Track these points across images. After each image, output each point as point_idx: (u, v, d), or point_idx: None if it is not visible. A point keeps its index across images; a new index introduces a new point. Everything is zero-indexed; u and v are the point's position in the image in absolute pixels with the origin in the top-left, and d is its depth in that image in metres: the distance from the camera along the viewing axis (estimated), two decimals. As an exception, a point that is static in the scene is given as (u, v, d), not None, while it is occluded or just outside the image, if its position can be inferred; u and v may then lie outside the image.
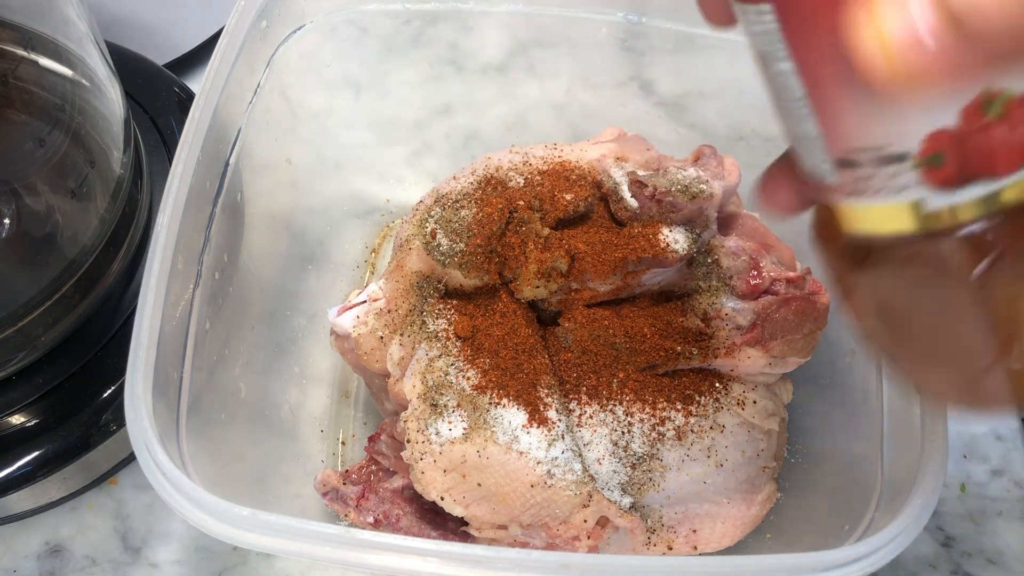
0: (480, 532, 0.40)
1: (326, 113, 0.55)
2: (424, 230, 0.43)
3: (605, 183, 0.44)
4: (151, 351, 0.37)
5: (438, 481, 0.39)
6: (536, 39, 0.54)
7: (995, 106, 0.24)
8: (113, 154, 0.47)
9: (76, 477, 0.48)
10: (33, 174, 0.43)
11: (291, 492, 0.46)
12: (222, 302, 0.44)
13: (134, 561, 0.48)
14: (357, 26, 0.53)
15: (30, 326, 0.44)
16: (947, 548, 0.50)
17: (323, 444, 0.51)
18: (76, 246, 0.45)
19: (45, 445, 0.46)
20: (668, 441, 0.41)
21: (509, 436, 0.39)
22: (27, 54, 0.42)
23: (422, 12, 0.53)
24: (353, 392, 0.53)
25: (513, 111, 0.57)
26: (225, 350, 0.44)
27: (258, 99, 0.47)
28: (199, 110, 0.42)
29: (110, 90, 0.47)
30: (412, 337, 0.42)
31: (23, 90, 0.43)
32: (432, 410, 0.40)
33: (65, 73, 0.45)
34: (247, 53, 0.45)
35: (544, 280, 0.42)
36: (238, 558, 0.48)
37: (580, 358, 0.42)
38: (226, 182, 0.44)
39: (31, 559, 0.48)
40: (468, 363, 0.41)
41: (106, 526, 0.49)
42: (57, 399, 0.47)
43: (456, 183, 0.45)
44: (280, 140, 0.51)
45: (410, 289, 0.43)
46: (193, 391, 0.40)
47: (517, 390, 0.40)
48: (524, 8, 0.51)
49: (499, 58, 0.55)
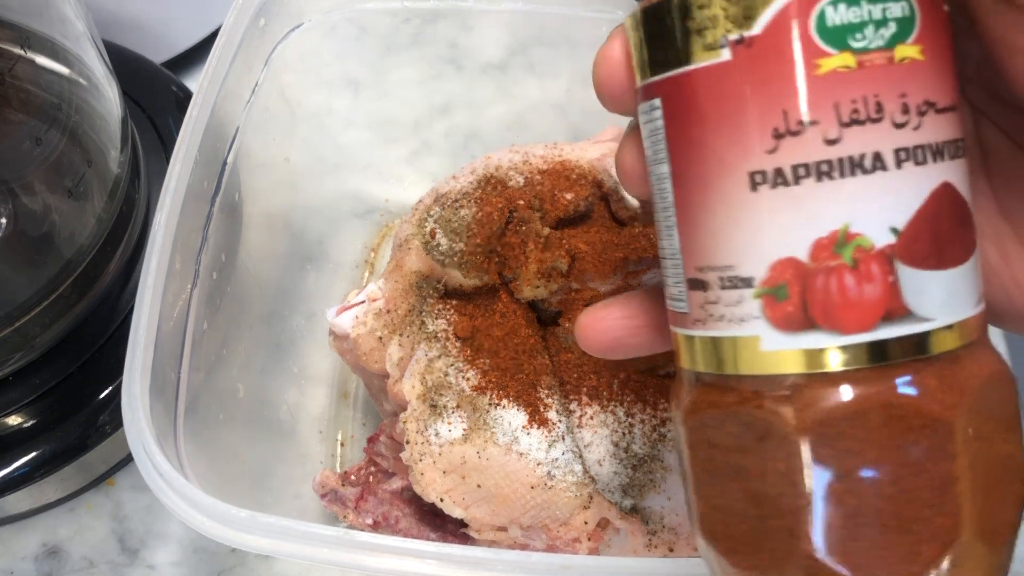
0: (480, 534, 0.40)
1: (325, 112, 0.55)
2: (423, 230, 0.43)
3: (606, 182, 0.44)
4: (148, 351, 0.36)
5: (437, 482, 0.39)
6: (536, 38, 0.54)
7: (848, 250, 0.22)
8: (110, 153, 0.47)
9: (74, 478, 0.48)
10: (30, 173, 0.43)
11: (289, 493, 0.46)
12: (220, 302, 0.44)
13: (132, 562, 0.48)
14: (356, 24, 0.53)
15: (27, 326, 0.44)
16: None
17: (322, 445, 0.50)
18: (73, 246, 0.45)
19: (42, 446, 0.46)
20: (670, 442, 0.41)
21: (509, 437, 0.39)
22: (24, 53, 0.42)
23: (421, 10, 0.52)
24: (352, 393, 0.53)
25: (513, 110, 0.57)
26: (223, 350, 0.44)
27: (256, 98, 0.47)
28: (197, 109, 0.42)
29: (107, 89, 0.47)
30: (411, 337, 0.42)
31: (20, 89, 0.42)
32: (431, 411, 0.39)
33: (62, 72, 0.45)
34: (245, 52, 0.45)
35: (544, 280, 0.42)
36: (236, 560, 0.48)
37: (581, 358, 0.42)
38: (224, 181, 0.44)
39: (28, 560, 0.48)
40: (468, 364, 0.41)
41: (104, 527, 0.49)
42: (54, 400, 0.47)
43: (456, 182, 0.45)
44: (278, 139, 0.51)
45: (409, 289, 0.43)
46: (191, 392, 0.39)
47: (517, 391, 0.40)
48: (524, 7, 0.51)
49: (499, 57, 0.55)
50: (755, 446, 0.23)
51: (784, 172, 0.22)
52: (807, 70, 0.22)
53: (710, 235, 0.24)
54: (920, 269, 0.22)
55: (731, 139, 0.23)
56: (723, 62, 0.22)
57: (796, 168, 0.22)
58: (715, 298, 0.24)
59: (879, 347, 0.22)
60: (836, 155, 0.22)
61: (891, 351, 0.22)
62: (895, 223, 0.22)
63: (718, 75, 0.23)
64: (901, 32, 0.22)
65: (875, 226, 0.22)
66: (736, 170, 0.23)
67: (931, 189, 0.22)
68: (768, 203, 0.22)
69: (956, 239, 0.23)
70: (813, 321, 0.22)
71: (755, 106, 0.22)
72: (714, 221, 0.23)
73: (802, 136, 0.22)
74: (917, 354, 0.22)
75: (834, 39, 0.22)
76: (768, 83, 0.22)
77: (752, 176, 0.22)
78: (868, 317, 0.22)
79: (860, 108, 0.22)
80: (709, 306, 0.24)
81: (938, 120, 0.22)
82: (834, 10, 0.21)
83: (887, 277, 0.22)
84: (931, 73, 0.22)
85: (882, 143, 0.22)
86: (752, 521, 0.23)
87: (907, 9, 0.22)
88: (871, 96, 0.22)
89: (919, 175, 0.22)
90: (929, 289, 0.22)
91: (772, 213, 0.22)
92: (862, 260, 0.22)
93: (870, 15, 0.22)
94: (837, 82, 0.22)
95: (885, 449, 0.22)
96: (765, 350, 0.23)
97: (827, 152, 0.22)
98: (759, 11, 0.22)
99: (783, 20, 0.22)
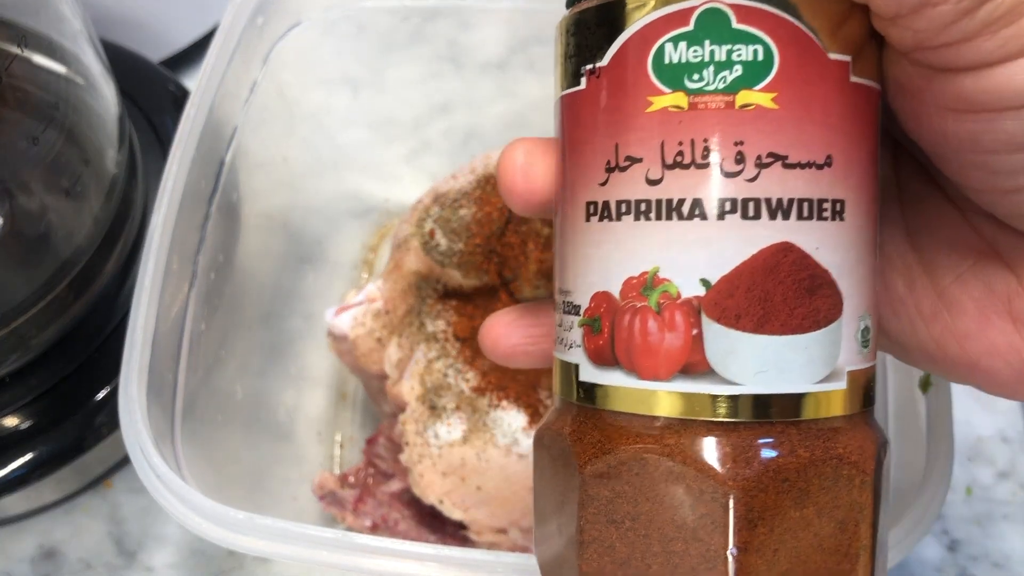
0: (479, 536, 0.40)
1: (323, 111, 0.55)
2: (422, 230, 0.43)
3: (606, 182, 0.44)
4: (146, 352, 0.36)
5: (437, 484, 0.39)
6: (536, 36, 0.54)
7: (654, 293, 0.21)
8: (108, 153, 0.46)
9: (70, 480, 0.47)
10: (27, 173, 0.43)
11: (288, 495, 0.46)
12: (218, 303, 0.43)
13: (129, 565, 0.48)
14: (355, 23, 0.52)
15: (24, 327, 0.44)
16: (952, 552, 0.49)
17: (320, 447, 0.50)
18: (70, 246, 0.45)
19: (39, 448, 0.45)
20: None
21: (509, 439, 0.39)
22: (20, 51, 0.42)
23: (420, 9, 0.52)
24: (351, 394, 0.52)
25: (513, 109, 0.56)
26: (221, 351, 0.44)
27: (254, 97, 0.47)
28: (194, 108, 0.42)
29: (104, 88, 0.47)
30: (410, 338, 0.42)
31: (16, 88, 0.42)
32: (431, 412, 0.39)
33: (59, 71, 0.44)
34: (243, 50, 0.45)
35: (545, 280, 0.41)
36: (234, 562, 0.48)
37: (581, 359, 0.41)
38: (222, 181, 0.44)
39: (25, 563, 0.48)
40: (467, 364, 0.40)
41: (101, 529, 0.49)
42: (51, 401, 0.46)
43: (455, 182, 0.45)
44: (277, 138, 0.50)
45: (408, 289, 0.42)
46: (188, 393, 0.39)
47: (517, 392, 0.40)
48: (524, 4, 0.51)
49: (499, 55, 0.55)
50: (562, 473, 0.23)
51: (610, 206, 0.22)
52: (638, 106, 0.21)
53: (561, 259, 0.24)
54: (729, 328, 0.21)
55: (579, 167, 0.23)
56: (580, 90, 0.23)
57: (619, 204, 0.22)
58: (560, 320, 0.24)
59: (675, 399, 0.21)
60: (655, 196, 0.21)
61: (687, 407, 0.21)
62: (706, 275, 0.21)
63: (576, 102, 0.23)
64: (748, 77, 0.20)
65: (684, 274, 0.21)
66: (579, 198, 0.23)
67: (761, 247, 0.21)
68: (596, 235, 0.22)
69: (790, 304, 0.21)
70: (617, 359, 0.22)
71: (597, 137, 0.22)
72: (564, 246, 0.23)
73: (628, 172, 0.21)
74: (715, 416, 0.21)
75: (669, 77, 0.21)
76: (608, 115, 0.22)
77: (587, 206, 0.22)
78: (665, 366, 0.21)
79: (685, 151, 0.21)
80: (559, 329, 0.24)
81: (786, 175, 0.21)
82: (673, 47, 0.21)
83: (690, 329, 0.21)
84: (785, 124, 0.21)
85: (704, 191, 0.21)
86: (553, 543, 0.23)
87: (761, 53, 0.20)
88: (699, 140, 0.21)
89: (746, 229, 0.21)
90: (738, 351, 0.21)
91: (598, 244, 0.22)
92: (666, 307, 0.21)
93: (712, 56, 0.20)
94: (665, 121, 0.21)
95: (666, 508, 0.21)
96: (581, 380, 0.23)
97: (648, 192, 0.21)
98: (609, 43, 0.22)
99: (625, 53, 0.21)
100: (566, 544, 0.23)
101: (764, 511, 0.21)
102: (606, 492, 0.22)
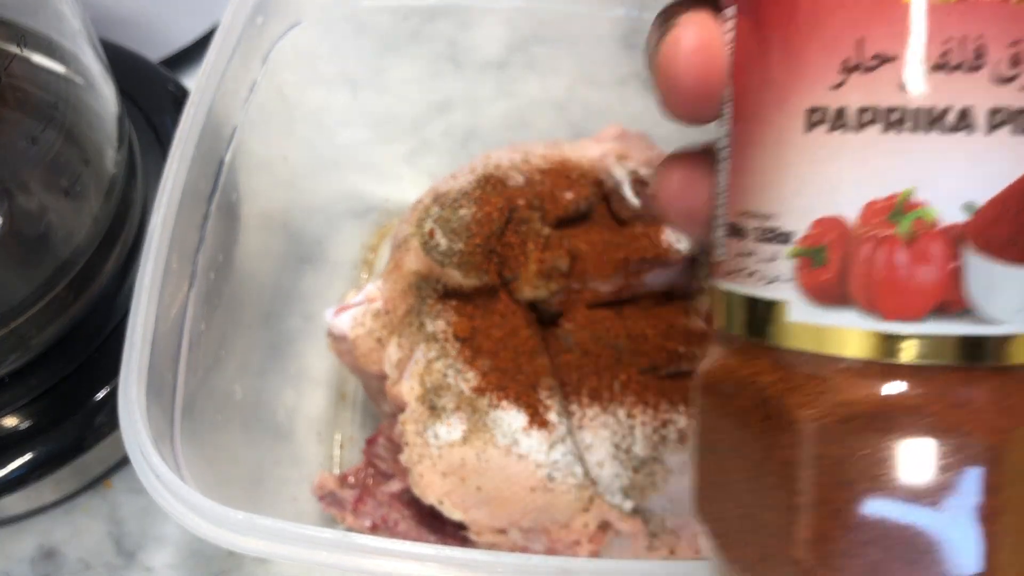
0: (480, 536, 0.40)
1: (323, 110, 0.55)
2: (422, 229, 0.43)
3: (607, 182, 0.44)
4: (145, 352, 0.36)
5: (437, 484, 0.39)
6: (536, 35, 0.54)
7: (906, 220, 0.18)
8: (107, 152, 0.46)
9: (70, 480, 0.47)
10: (26, 173, 0.43)
11: (287, 495, 0.46)
12: (217, 302, 0.43)
13: (128, 565, 0.48)
14: (354, 22, 0.52)
15: (23, 327, 0.44)
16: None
17: (320, 447, 0.50)
18: (69, 246, 0.45)
19: (38, 448, 0.45)
20: (671, 444, 0.40)
21: (509, 439, 0.38)
22: (19, 51, 0.42)
23: (420, 8, 0.52)
24: (350, 394, 0.52)
25: (513, 108, 0.56)
26: (220, 351, 0.44)
27: (254, 96, 0.47)
28: (194, 107, 0.42)
29: (104, 87, 0.47)
30: (410, 338, 0.41)
31: (15, 88, 0.42)
32: (431, 412, 0.39)
33: (58, 70, 0.44)
34: (243, 50, 0.45)
35: (545, 280, 0.41)
36: (233, 563, 0.47)
37: (581, 360, 0.41)
38: (221, 180, 0.44)
39: (24, 563, 0.48)
40: (467, 365, 0.40)
41: (100, 530, 0.49)
42: (50, 401, 0.46)
43: (455, 182, 0.45)
44: (276, 138, 0.50)
45: (408, 289, 0.42)
46: (188, 393, 0.39)
47: (517, 392, 0.40)
48: (524, 4, 0.51)
49: (499, 54, 0.55)
50: (760, 426, 0.20)
51: (847, 113, 0.18)
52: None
53: (756, 177, 0.20)
54: (995, 260, 0.18)
55: (794, 65, 0.19)
56: None
57: (862, 111, 0.18)
58: (750, 250, 0.20)
59: (924, 343, 0.18)
60: (913, 103, 0.18)
61: (938, 351, 0.18)
62: (972, 198, 0.18)
63: None
64: None
65: (945, 197, 0.18)
66: (793, 103, 0.19)
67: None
68: (823, 148, 0.19)
69: None
70: (850, 297, 0.19)
71: (828, 28, 0.19)
72: (762, 161, 0.20)
73: (875, 73, 0.18)
74: (971, 361, 0.18)
75: None
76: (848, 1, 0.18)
77: (810, 113, 0.19)
78: (915, 305, 0.18)
79: (954, 50, 0.18)
80: (743, 258, 0.21)
81: None
82: None
83: (948, 262, 0.18)
84: None
85: (975, 98, 0.18)
86: (746, 508, 0.21)
87: None
88: (971, 37, 0.18)
89: (1018, 146, 0.18)
90: (1002, 286, 0.18)
91: (825, 161, 0.19)
92: (921, 236, 0.18)
93: None
94: (931, 14, 0.18)
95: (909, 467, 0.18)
96: (791, 320, 0.19)
97: (902, 98, 0.18)
98: None
99: None
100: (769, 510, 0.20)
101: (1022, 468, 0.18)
102: (836, 450, 0.19)
